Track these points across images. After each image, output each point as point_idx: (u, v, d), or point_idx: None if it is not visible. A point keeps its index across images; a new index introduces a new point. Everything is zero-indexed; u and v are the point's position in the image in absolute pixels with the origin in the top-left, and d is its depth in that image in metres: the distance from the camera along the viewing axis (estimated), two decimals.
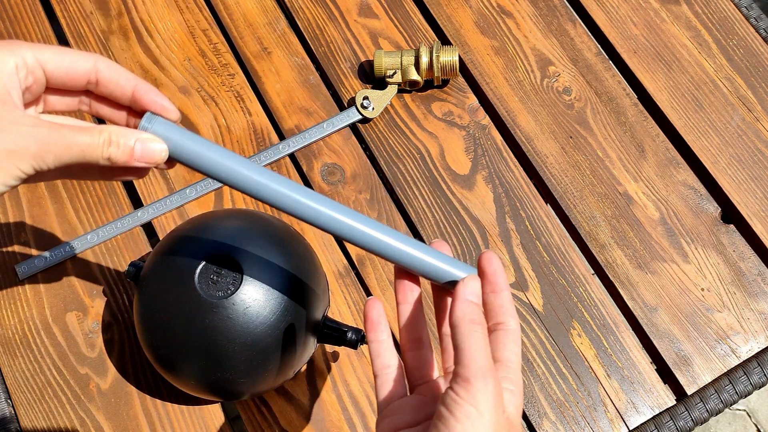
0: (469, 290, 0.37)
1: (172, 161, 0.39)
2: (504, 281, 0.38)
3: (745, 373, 0.59)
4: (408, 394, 0.40)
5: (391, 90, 0.68)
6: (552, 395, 0.58)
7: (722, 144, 0.67)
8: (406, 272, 0.41)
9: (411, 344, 0.41)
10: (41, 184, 0.65)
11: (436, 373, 0.42)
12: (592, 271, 0.64)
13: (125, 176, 0.40)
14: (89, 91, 0.40)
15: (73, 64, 0.38)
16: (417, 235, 0.64)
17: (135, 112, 0.40)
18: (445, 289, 0.41)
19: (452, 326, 0.35)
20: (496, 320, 0.37)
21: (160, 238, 0.60)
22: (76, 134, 0.36)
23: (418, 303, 0.41)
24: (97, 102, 0.40)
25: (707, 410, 0.58)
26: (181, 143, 0.38)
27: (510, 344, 0.37)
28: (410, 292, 0.41)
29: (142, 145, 0.37)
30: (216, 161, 0.38)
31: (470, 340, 0.34)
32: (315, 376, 0.58)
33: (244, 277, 0.48)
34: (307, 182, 0.66)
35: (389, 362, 0.40)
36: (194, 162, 0.38)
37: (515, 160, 0.67)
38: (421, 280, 0.41)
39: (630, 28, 0.72)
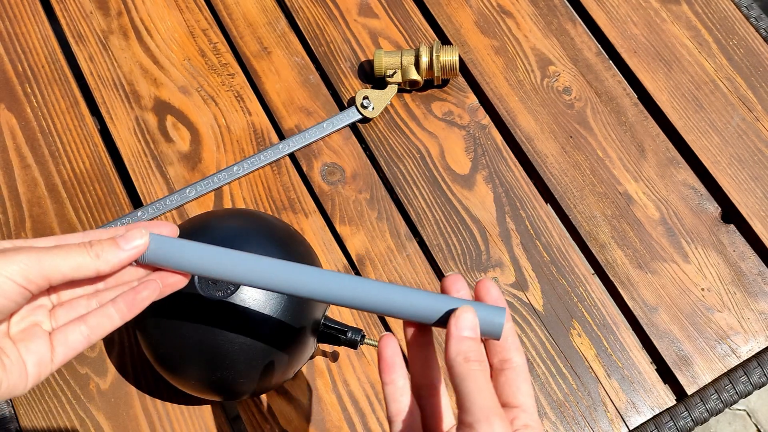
0: (463, 324, 0.33)
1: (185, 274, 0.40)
2: (505, 311, 0.35)
3: (745, 373, 0.59)
4: None
5: (391, 90, 0.68)
6: (552, 395, 0.58)
7: (722, 144, 0.67)
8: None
9: (423, 390, 0.37)
10: (41, 183, 0.65)
11: (451, 420, 0.37)
12: (592, 271, 0.64)
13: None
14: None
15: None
16: (417, 234, 0.64)
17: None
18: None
19: (448, 367, 0.32)
20: (501, 356, 0.35)
21: None
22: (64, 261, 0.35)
23: (429, 344, 0.37)
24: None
25: (707, 410, 0.58)
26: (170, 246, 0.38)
27: (522, 385, 0.34)
28: (420, 335, 0.37)
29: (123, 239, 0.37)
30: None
31: (468, 380, 0.31)
32: (315, 376, 0.58)
33: None
34: (307, 182, 0.66)
35: (404, 407, 0.36)
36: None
37: (515, 159, 0.67)
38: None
39: (630, 28, 0.72)
